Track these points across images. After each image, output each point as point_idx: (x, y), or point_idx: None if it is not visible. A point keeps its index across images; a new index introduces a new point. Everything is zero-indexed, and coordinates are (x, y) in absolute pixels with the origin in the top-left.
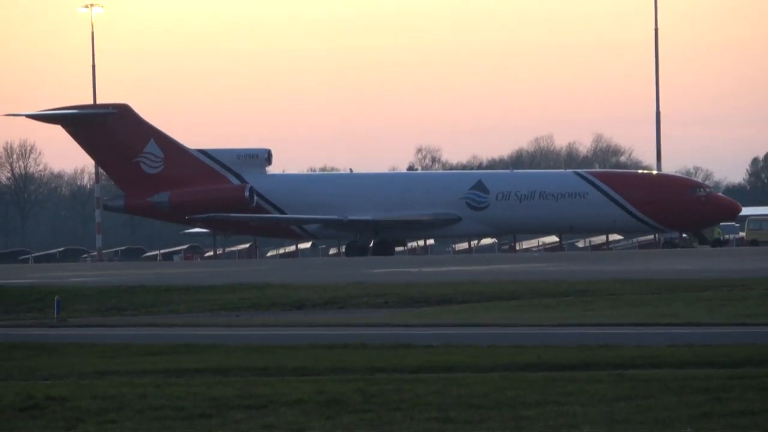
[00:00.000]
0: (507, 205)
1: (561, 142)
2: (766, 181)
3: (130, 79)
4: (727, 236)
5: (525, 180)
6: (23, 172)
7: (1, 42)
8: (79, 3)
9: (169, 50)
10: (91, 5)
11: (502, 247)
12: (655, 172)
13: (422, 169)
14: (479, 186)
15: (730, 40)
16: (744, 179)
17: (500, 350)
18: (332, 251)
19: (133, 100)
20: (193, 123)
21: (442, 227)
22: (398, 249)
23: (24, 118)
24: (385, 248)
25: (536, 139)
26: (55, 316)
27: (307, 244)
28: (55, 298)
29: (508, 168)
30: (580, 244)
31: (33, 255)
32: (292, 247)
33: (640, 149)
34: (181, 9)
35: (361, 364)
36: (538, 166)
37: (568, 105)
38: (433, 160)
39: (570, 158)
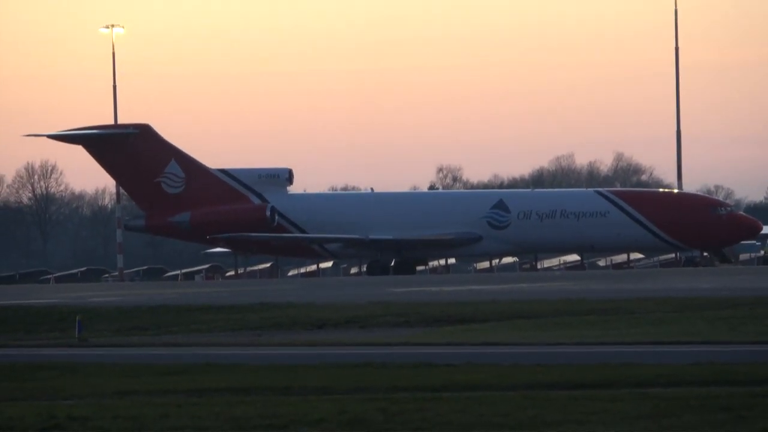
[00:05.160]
0: (528, 224)
1: (582, 161)
2: None
3: (151, 99)
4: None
5: (546, 199)
6: (44, 192)
7: (22, 62)
8: (100, 23)
9: (189, 70)
10: (112, 25)
11: (523, 266)
12: (676, 190)
13: (443, 188)
14: (500, 205)
15: (750, 59)
16: (765, 198)
17: (521, 369)
18: (353, 270)
19: (154, 120)
20: (214, 143)
21: (464, 246)
22: (419, 268)
23: (45, 138)
24: (406, 267)
25: (557, 158)
26: (77, 336)
27: (329, 264)
28: (77, 318)
29: (528, 187)
30: (602, 262)
31: (54, 275)
32: (314, 267)
33: (660, 168)
34: (201, 29)
35: (382, 384)
36: (559, 185)
37: (589, 124)
38: (454, 179)
39: (591, 177)
